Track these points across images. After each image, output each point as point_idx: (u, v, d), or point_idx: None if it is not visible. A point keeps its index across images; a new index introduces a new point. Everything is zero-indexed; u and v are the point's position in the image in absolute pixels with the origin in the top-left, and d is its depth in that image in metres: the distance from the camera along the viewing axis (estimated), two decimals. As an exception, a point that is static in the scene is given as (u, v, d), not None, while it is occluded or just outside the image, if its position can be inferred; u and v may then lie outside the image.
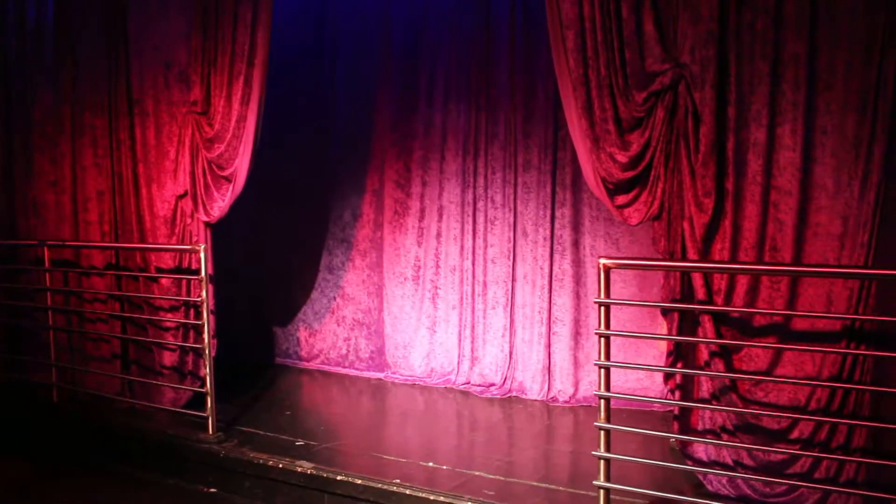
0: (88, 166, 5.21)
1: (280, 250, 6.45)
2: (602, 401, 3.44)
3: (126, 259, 5.15)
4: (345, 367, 6.27)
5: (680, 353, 3.75)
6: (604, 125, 3.69)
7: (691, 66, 3.50)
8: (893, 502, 3.03)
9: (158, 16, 4.87)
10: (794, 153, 3.39)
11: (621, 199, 3.77)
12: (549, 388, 5.45)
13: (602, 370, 3.43)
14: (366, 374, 6.15)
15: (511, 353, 5.61)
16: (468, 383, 5.68)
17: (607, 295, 3.42)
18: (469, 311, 5.68)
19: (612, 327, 3.43)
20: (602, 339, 3.42)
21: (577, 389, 5.43)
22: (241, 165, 4.57)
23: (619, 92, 3.65)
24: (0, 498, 4.52)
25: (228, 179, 4.65)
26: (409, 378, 5.92)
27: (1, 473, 4.88)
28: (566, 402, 5.38)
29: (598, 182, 3.75)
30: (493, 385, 5.58)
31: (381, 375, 6.07)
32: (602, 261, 3.41)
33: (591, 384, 5.38)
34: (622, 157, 3.67)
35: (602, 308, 3.41)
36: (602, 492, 3.44)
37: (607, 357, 3.43)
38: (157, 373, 5.04)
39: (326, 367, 6.34)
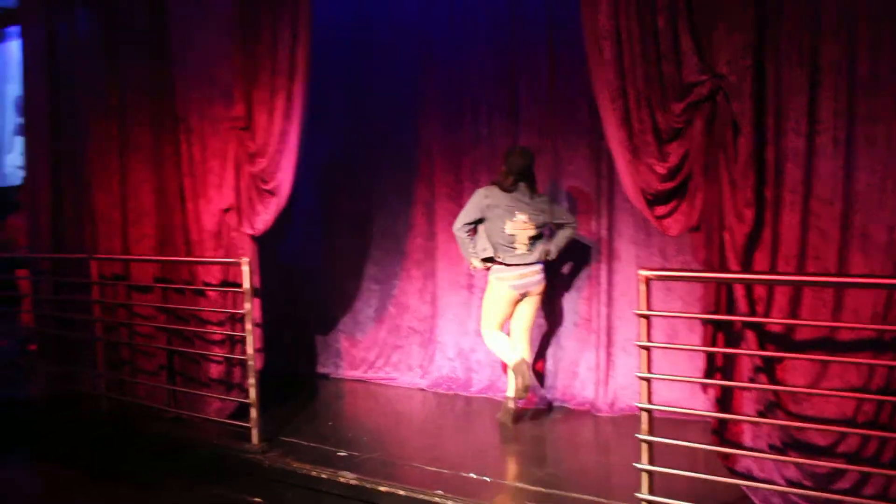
0: (136, 181, 5.36)
1: (325, 262, 6.54)
2: (644, 413, 3.45)
3: (172, 272, 5.27)
4: (390, 376, 6.31)
5: (718, 367, 3.72)
6: (642, 136, 3.70)
7: (729, 76, 3.49)
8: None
9: (200, 34, 5.00)
10: (836, 162, 3.36)
11: (660, 210, 3.77)
12: (592, 398, 5.44)
13: (644, 382, 3.44)
14: (410, 383, 6.18)
15: (555, 363, 5.61)
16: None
17: (648, 306, 3.42)
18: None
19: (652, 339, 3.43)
20: (644, 351, 3.43)
21: (615, 398, 5.40)
22: (285, 179, 4.67)
23: (657, 103, 3.65)
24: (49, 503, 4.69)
25: (272, 193, 4.74)
26: (452, 387, 5.95)
27: (50, 480, 5.07)
28: (605, 411, 5.36)
29: (637, 193, 3.76)
30: (537, 396, 5.59)
31: (424, 384, 6.10)
32: (642, 272, 3.41)
33: (624, 393, 5.36)
34: (661, 168, 3.67)
35: (643, 320, 3.42)
36: (644, 504, 3.44)
37: (649, 369, 3.43)
38: (204, 384, 5.15)
39: (369, 377, 6.39)
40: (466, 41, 5.81)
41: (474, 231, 4.98)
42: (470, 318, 5.92)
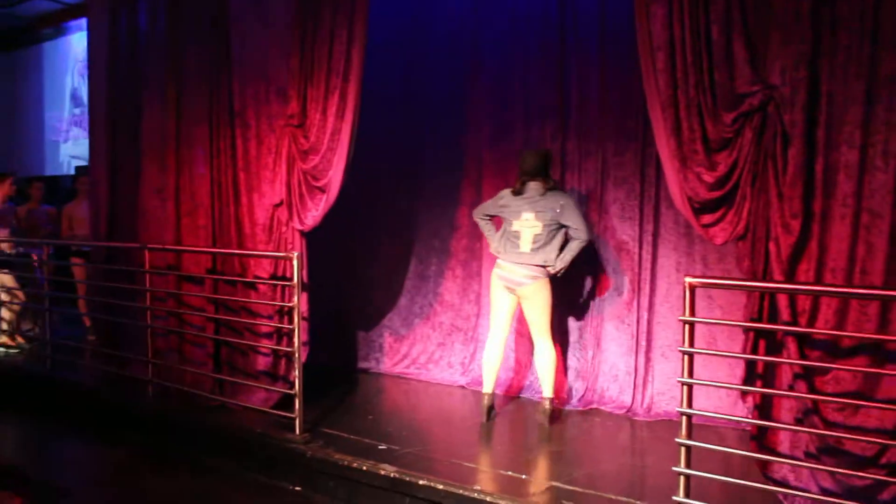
0: (191, 175, 5.54)
1: (370, 258, 6.68)
2: (684, 417, 3.49)
3: (223, 264, 5.43)
4: (431, 372, 6.42)
5: (756, 374, 3.74)
6: (691, 145, 3.74)
7: (781, 87, 3.52)
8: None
9: (259, 33, 5.15)
10: (886, 175, 3.36)
11: (707, 219, 3.80)
12: (630, 402, 5.48)
13: (685, 387, 3.48)
14: (451, 380, 6.28)
15: (594, 366, 5.67)
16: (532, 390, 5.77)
17: (692, 313, 3.46)
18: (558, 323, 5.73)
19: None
20: (686, 357, 3.47)
21: (652, 403, 5.44)
22: (335, 177, 4.79)
23: (707, 113, 3.69)
24: (99, 483, 4.86)
25: (322, 190, 4.86)
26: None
27: (100, 461, 5.24)
28: (641, 415, 5.39)
29: (684, 201, 3.80)
30: (573, 397, 5.65)
31: (464, 381, 6.19)
32: (688, 279, 3.46)
33: (661, 398, 5.41)
34: (709, 177, 3.70)
35: (686, 326, 3.46)
36: (681, 508, 3.48)
37: (690, 374, 3.47)
38: (249, 374, 5.29)
39: (411, 373, 6.50)
40: (517, 46, 5.89)
41: (494, 224, 5.16)
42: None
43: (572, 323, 5.76)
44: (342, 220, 6.18)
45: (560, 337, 5.73)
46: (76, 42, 10.59)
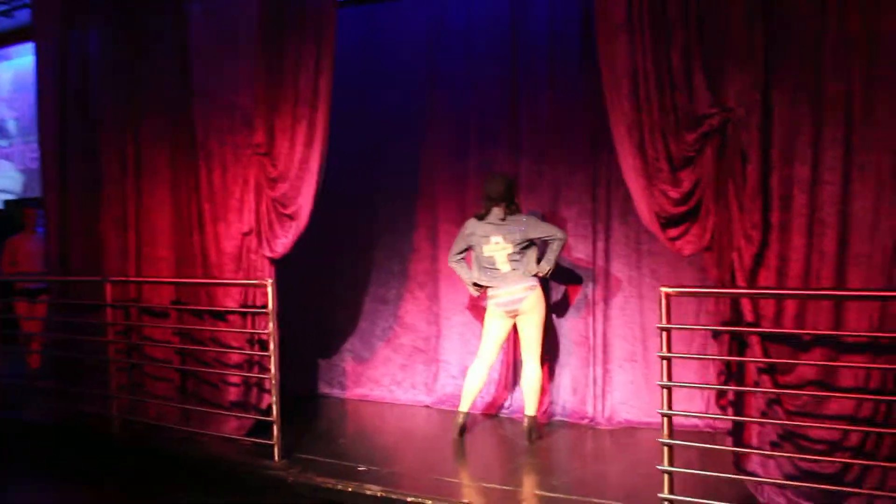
0: (151, 204, 5.50)
1: (329, 282, 6.72)
2: (665, 419, 3.72)
3: (188, 295, 5.39)
4: (395, 394, 6.51)
5: (731, 374, 4.02)
6: (656, 164, 4.00)
7: (738, 109, 3.83)
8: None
9: (222, 62, 5.18)
10: (834, 188, 3.69)
11: (673, 233, 4.07)
12: (591, 412, 5.71)
13: (665, 390, 3.72)
14: (415, 401, 6.39)
15: (555, 379, 5.87)
16: (510, 409, 5.93)
17: (668, 320, 3.72)
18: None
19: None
20: (664, 361, 3.71)
21: (613, 412, 5.68)
22: (305, 203, 4.86)
23: (670, 133, 3.97)
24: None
25: (291, 217, 4.92)
26: (457, 404, 6.12)
27: (64, 500, 5.07)
28: (603, 424, 5.63)
29: (651, 216, 4.05)
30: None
31: (429, 401, 6.31)
32: (664, 289, 3.72)
33: (621, 406, 5.66)
34: (674, 194, 3.97)
35: (664, 332, 3.71)
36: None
37: (669, 378, 3.72)
38: (219, 405, 5.25)
39: (375, 396, 6.57)
40: (471, 71, 6.10)
41: (468, 260, 5.28)
42: (474, 337, 6.12)
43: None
44: (300, 245, 6.21)
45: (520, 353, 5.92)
46: (7, 72, 10.26)
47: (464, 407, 5.33)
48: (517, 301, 5.08)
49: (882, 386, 3.60)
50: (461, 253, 5.28)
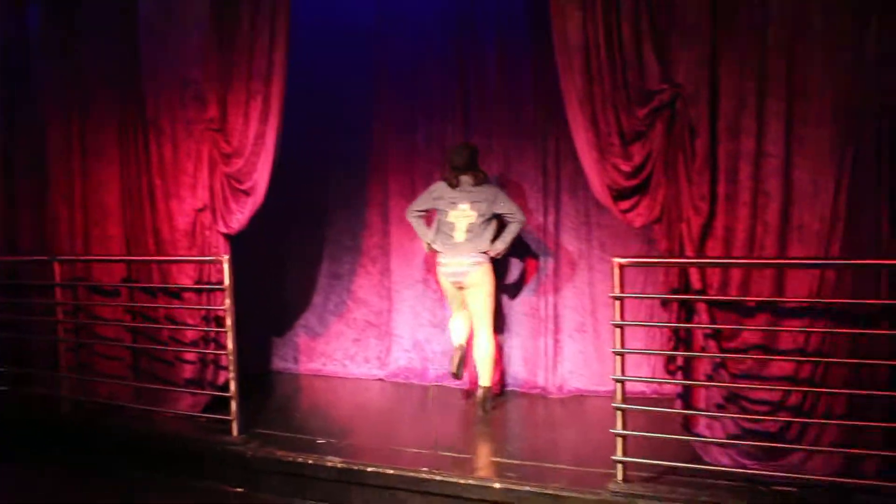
0: (99, 182, 5.40)
1: (282, 258, 6.71)
2: (618, 384, 3.88)
3: (139, 272, 5.33)
4: (348, 368, 6.56)
5: (680, 340, 4.19)
6: (608, 138, 4.11)
7: (686, 85, 3.95)
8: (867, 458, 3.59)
9: (171, 37, 5.08)
10: (778, 160, 3.85)
11: (625, 205, 4.19)
12: (543, 382, 5.86)
13: (618, 357, 3.87)
14: (369, 374, 6.47)
15: (507, 351, 6.00)
16: (465, 379, 6.03)
17: (622, 290, 3.86)
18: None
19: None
20: (618, 329, 3.86)
21: (563, 381, 5.84)
22: (261, 179, 4.83)
23: (622, 108, 4.07)
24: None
25: (247, 193, 4.90)
26: (410, 377, 6.28)
27: (22, 484, 4.99)
28: (554, 394, 5.79)
29: (603, 189, 4.17)
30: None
31: (382, 374, 6.40)
32: (616, 260, 3.87)
33: (571, 376, 5.83)
34: (626, 167, 4.09)
35: (617, 302, 3.86)
36: (619, 465, 3.86)
37: (622, 345, 3.86)
38: (173, 382, 5.23)
39: (328, 371, 6.61)
40: (420, 46, 6.11)
41: (427, 219, 5.39)
42: (425, 310, 6.23)
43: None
44: (252, 220, 6.20)
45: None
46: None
47: (458, 341, 5.38)
48: (462, 274, 5.18)
49: (820, 348, 3.81)
50: (422, 211, 5.38)
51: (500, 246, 5.20)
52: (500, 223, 5.28)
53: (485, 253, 5.18)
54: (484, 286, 5.22)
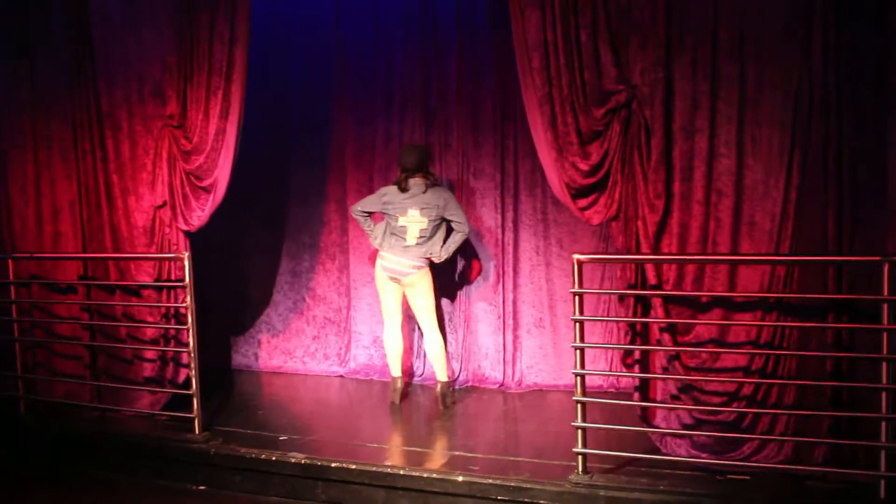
0: (53, 178, 5.32)
1: (242, 256, 6.70)
2: (578, 378, 3.97)
3: (96, 270, 5.27)
4: (308, 365, 6.58)
5: (637, 334, 4.29)
6: (566, 137, 4.19)
7: (642, 86, 4.04)
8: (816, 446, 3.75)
9: (127, 31, 5.01)
10: (730, 160, 3.97)
11: (583, 203, 4.28)
12: (501, 377, 5.95)
13: (578, 351, 3.97)
14: (329, 371, 6.49)
15: (467, 347, 6.07)
16: (422, 376, 6.10)
17: (580, 285, 3.96)
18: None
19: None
20: (577, 324, 3.96)
21: (522, 376, 5.95)
22: (221, 176, 4.82)
23: (580, 108, 4.15)
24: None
25: (207, 190, 4.88)
26: (370, 374, 6.31)
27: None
28: (513, 388, 5.89)
29: (562, 187, 4.25)
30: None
31: (342, 371, 6.42)
32: (576, 256, 3.97)
33: (529, 371, 5.94)
34: (584, 166, 4.18)
35: (576, 297, 3.95)
36: (580, 457, 3.96)
37: (582, 339, 3.97)
38: (132, 381, 5.18)
39: (288, 368, 6.62)
40: (381, 43, 6.13)
41: (373, 219, 5.41)
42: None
43: (444, 308, 6.11)
44: (213, 218, 6.18)
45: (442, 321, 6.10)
46: None
47: (395, 372, 5.51)
48: (402, 274, 5.26)
49: (771, 341, 3.95)
50: (367, 212, 5.38)
51: (444, 255, 5.28)
52: (448, 225, 5.32)
53: (427, 258, 5.25)
54: (423, 285, 5.31)
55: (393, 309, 5.40)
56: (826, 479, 3.75)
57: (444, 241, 5.27)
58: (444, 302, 6.11)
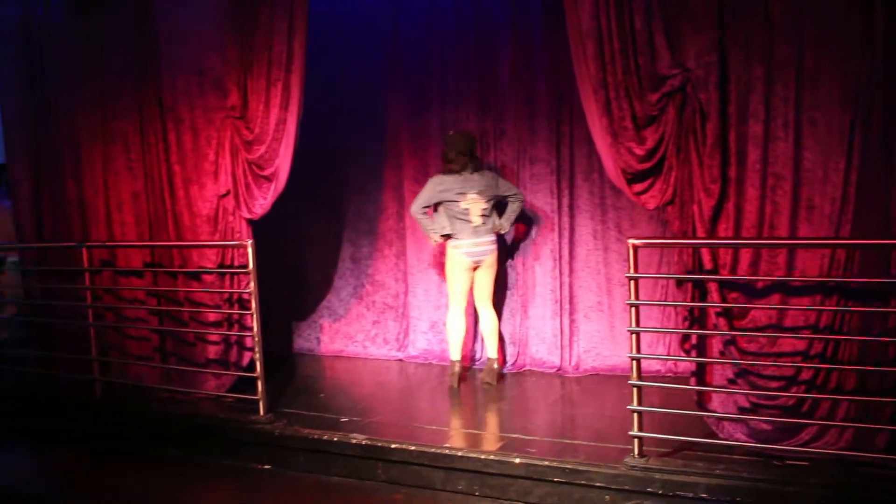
0: (120, 170, 5.55)
1: (303, 243, 6.89)
2: (634, 362, 4.00)
3: (161, 257, 5.48)
4: (368, 350, 6.74)
5: (695, 319, 4.29)
6: (622, 122, 4.20)
7: (696, 70, 4.02)
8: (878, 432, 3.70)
9: (189, 25, 5.20)
10: (787, 143, 3.92)
11: (638, 188, 4.28)
12: (559, 361, 5.99)
13: (634, 335, 3.99)
14: (388, 355, 6.64)
15: (524, 331, 6.13)
16: (481, 360, 6.17)
17: (636, 270, 3.98)
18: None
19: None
20: (633, 309, 3.98)
21: (579, 360, 5.98)
22: (283, 165, 4.96)
23: (634, 93, 4.15)
24: (69, 486, 4.83)
25: (269, 179, 5.03)
26: (429, 358, 6.42)
27: (54, 465, 5.18)
28: (570, 373, 5.93)
29: (618, 173, 4.27)
30: (507, 361, 6.11)
31: (401, 356, 6.56)
32: (631, 241, 3.99)
33: (587, 355, 5.96)
34: (639, 151, 4.18)
35: (632, 281, 3.98)
36: (636, 441, 3.99)
37: (637, 324, 4.00)
38: (200, 364, 5.40)
39: (350, 352, 6.79)
40: (434, 32, 6.20)
41: (432, 211, 5.49)
42: (440, 293, 6.34)
43: (502, 293, 6.18)
44: (276, 207, 6.35)
45: (500, 306, 6.17)
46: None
47: (455, 356, 5.63)
48: (484, 253, 5.40)
49: (831, 325, 3.90)
50: (427, 206, 5.47)
51: (507, 224, 5.50)
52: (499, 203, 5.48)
53: (495, 232, 5.43)
54: (495, 266, 5.55)
55: (463, 293, 5.56)
56: (887, 466, 3.70)
57: (500, 215, 5.47)
58: (501, 287, 6.17)
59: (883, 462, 3.71)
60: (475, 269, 5.45)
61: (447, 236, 5.42)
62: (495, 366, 5.61)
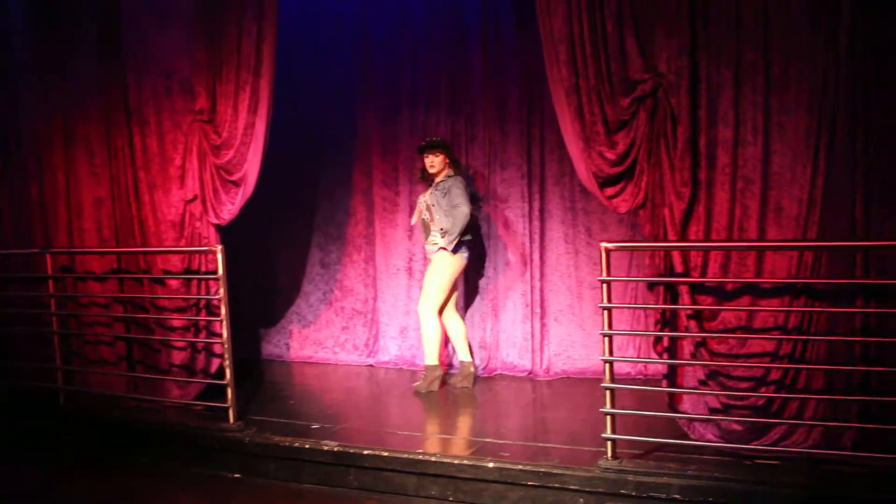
0: (83, 174, 5.43)
1: (272, 248, 6.83)
2: (607, 365, 4.01)
3: (128, 264, 5.38)
4: (338, 355, 6.69)
5: (666, 321, 4.32)
6: (593, 127, 4.23)
7: (668, 75, 4.06)
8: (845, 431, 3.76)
9: (155, 28, 5.12)
10: (756, 147, 3.97)
11: (610, 191, 4.31)
12: (530, 365, 6.01)
13: (606, 339, 4.01)
14: (358, 361, 6.60)
15: (494, 335, 6.13)
16: (452, 365, 6.16)
17: (608, 273, 3.99)
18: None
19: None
20: (606, 312, 4.00)
21: (550, 364, 6.00)
22: (251, 170, 4.90)
23: (606, 98, 4.18)
24: (28, 497, 4.69)
25: (237, 184, 4.96)
26: (398, 364, 6.40)
27: (18, 478, 5.02)
28: (541, 376, 5.95)
29: (590, 177, 4.29)
30: (478, 366, 6.08)
31: (371, 361, 6.52)
32: (604, 244, 3.99)
33: (557, 358, 5.99)
34: (611, 155, 4.21)
35: (604, 285, 3.99)
36: (609, 443, 4.00)
37: (610, 327, 4.01)
38: (166, 371, 5.30)
39: (318, 358, 6.74)
40: (405, 36, 6.21)
41: (409, 211, 5.64)
42: (408, 298, 6.34)
43: (472, 297, 6.19)
44: (246, 211, 6.27)
45: (468, 310, 6.18)
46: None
47: (435, 360, 5.66)
48: (429, 252, 5.53)
49: (800, 325, 3.96)
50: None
51: (448, 238, 5.44)
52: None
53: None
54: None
55: (452, 295, 5.64)
56: (855, 463, 3.76)
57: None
58: (472, 291, 6.18)
59: (850, 459, 3.77)
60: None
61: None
62: (472, 369, 5.62)
